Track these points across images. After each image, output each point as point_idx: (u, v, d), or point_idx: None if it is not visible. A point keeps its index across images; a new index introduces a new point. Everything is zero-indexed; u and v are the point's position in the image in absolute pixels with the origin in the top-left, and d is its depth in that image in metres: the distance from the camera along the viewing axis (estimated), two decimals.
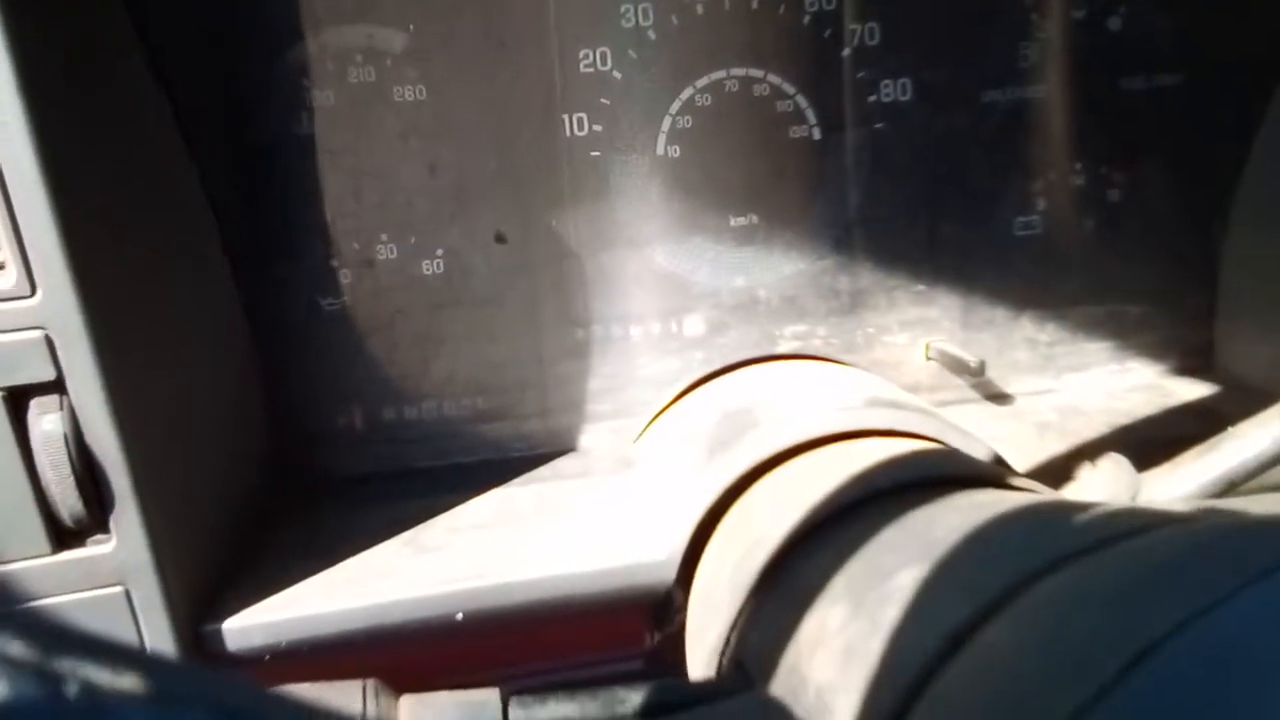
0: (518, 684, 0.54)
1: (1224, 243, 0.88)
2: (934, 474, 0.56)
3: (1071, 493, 0.65)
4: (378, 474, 0.85)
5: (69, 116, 0.56)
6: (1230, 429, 0.62)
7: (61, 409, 0.57)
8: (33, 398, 0.57)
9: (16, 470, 0.57)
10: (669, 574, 0.67)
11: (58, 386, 0.57)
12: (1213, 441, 0.63)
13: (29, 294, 0.55)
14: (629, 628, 0.79)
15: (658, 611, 0.71)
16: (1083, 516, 0.45)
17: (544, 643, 0.77)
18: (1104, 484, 0.63)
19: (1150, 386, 0.90)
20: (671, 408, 0.87)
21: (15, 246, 0.54)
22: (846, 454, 0.62)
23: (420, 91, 0.80)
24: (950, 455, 0.61)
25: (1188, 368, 0.91)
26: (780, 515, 0.57)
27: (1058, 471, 0.69)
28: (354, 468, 0.86)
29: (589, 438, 0.88)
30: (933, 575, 0.44)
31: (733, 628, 0.55)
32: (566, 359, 0.86)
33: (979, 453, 0.66)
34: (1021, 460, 0.73)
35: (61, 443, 0.56)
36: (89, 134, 0.59)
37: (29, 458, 0.57)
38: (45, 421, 0.56)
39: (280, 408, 0.83)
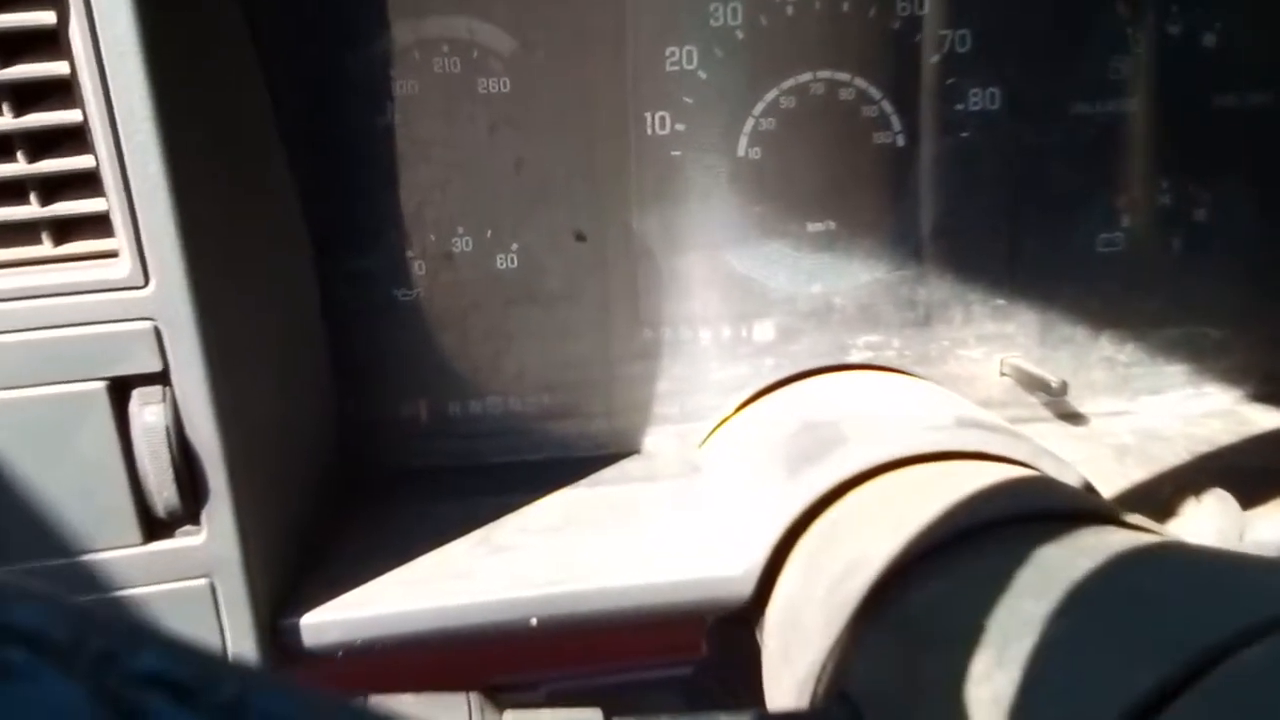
0: (616, 700, 0.56)
1: None
2: (1048, 507, 0.56)
3: (1176, 529, 0.65)
4: (444, 468, 0.87)
5: (187, 107, 0.58)
6: None
7: (164, 400, 0.59)
8: (135, 388, 0.59)
9: (114, 461, 0.59)
10: (745, 589, 0.68)
11: (162, 378, 0.59)
12: None
13: (142, 285, 0.58)
14: (685, 637, 0.81)
15: (724, 626, 0.73)
16: (1252, 577, 0.45)
17: (601, 645, 0.79)
18: (1210, 521, 0.64)
19: (1227, 412, 0.91)
20: (740, 414, 0.88)
21: (132, 237, 0.56)
22: (943, 477, 0.63)
23: (504, 84, 0.82)
24: (1061, 488, 0.62)
25: (1265, 394, 0.92)
26: (881, 537, 0.57)
27: (1146, 501, 0.70)
28: (420, 460, 0.88)
29: (654, 440, 0.90)
30: (1093, 631, 0.44)
31: (829, 656, 0.55)
32: (635, 360, 0.88)
33: (1072, 480, 0.66)
34: (1104, 486, 0.74)
35: (163, 435, 0.59)
36: (201, 124, 0.61)
37: (128, 448, 0.59)
38: (148, 413, 0.59)
39: (351, 399, 0.85)
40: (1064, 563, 0.49)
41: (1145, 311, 0.91)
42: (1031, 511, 0.56)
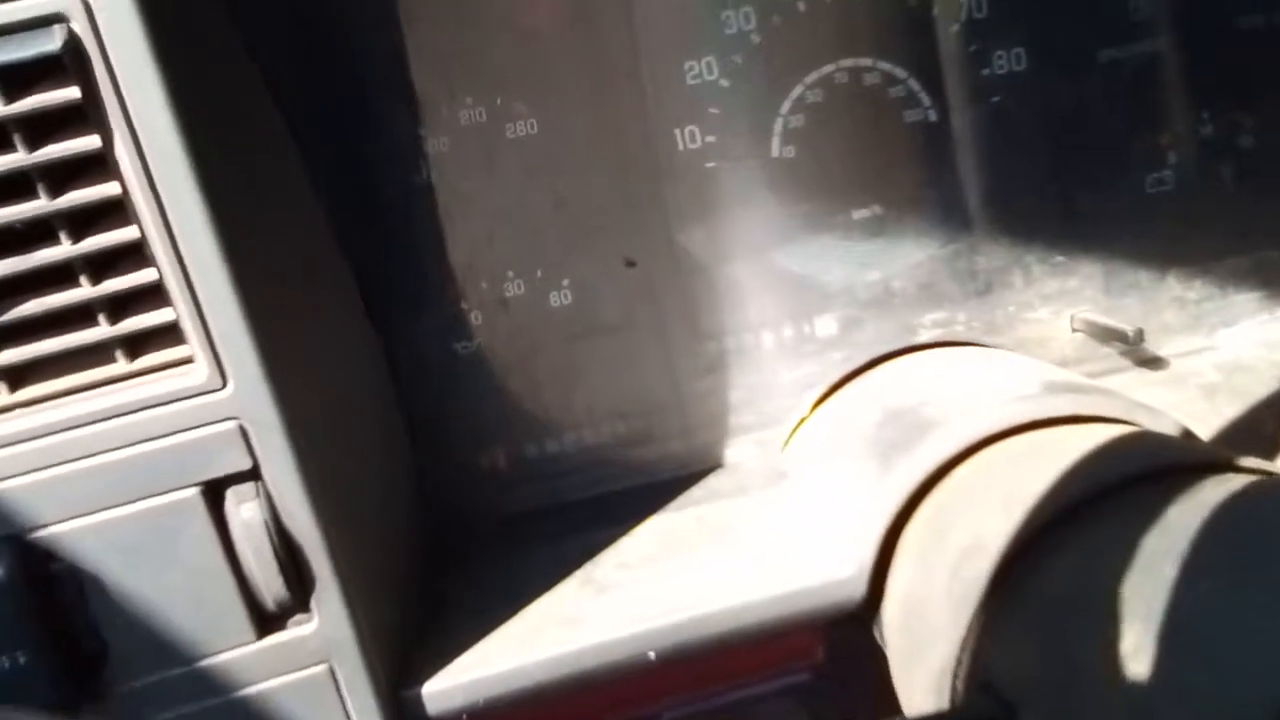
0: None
1: None
2: (1159, 463, 0.55)
3: None
4: (531, 512, 0.88)
5: (239, 206, 0.60)
6: None
7: (258, 496, 0.61)
8: (228, 487, 0.60)
9: (218, 562, 0.61)
10: (858, 590, 0.69)
11: (253, 474, 0.61)
12: None
13: (220, 386, 0.59)
14: (801, 645, 0.81)
15: (840, 629, 0.73)
16: None
17: (718, 665, 0.80)
18: None
19: None
20: (816, 412, 0.88)
21: (205, 341, 0.58)
22: (1043, 446, 0.62)
23: (533, 126, 0.83)
24: (1167, 440, 0.61)
25: None
26: (994, 517, 0.57)
27: (1246, 438, 0.70)
28: (504, 508, 0.89)
29: (735, 452, 0.90)
30: (1247, 592, 0.43)
31: (963, 647, 0.55)
32: (703, 374, 0.89)
33: (1170, 429, 0.66)
34: (1200, 429, 0.73)
35: (263, 529, 0.60)
36: (253, 219, 0.63)
37: (229, 548, 0.61)
38: (245, 510, 0.60)
39: (428, 456, 0.86)
40: (1193, 520, 0.49)
41: (1207, 245, 0.90)
42: (1145, 470, 0.55)
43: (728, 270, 0.87)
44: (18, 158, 0.55)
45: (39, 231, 0.57)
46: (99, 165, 0.56)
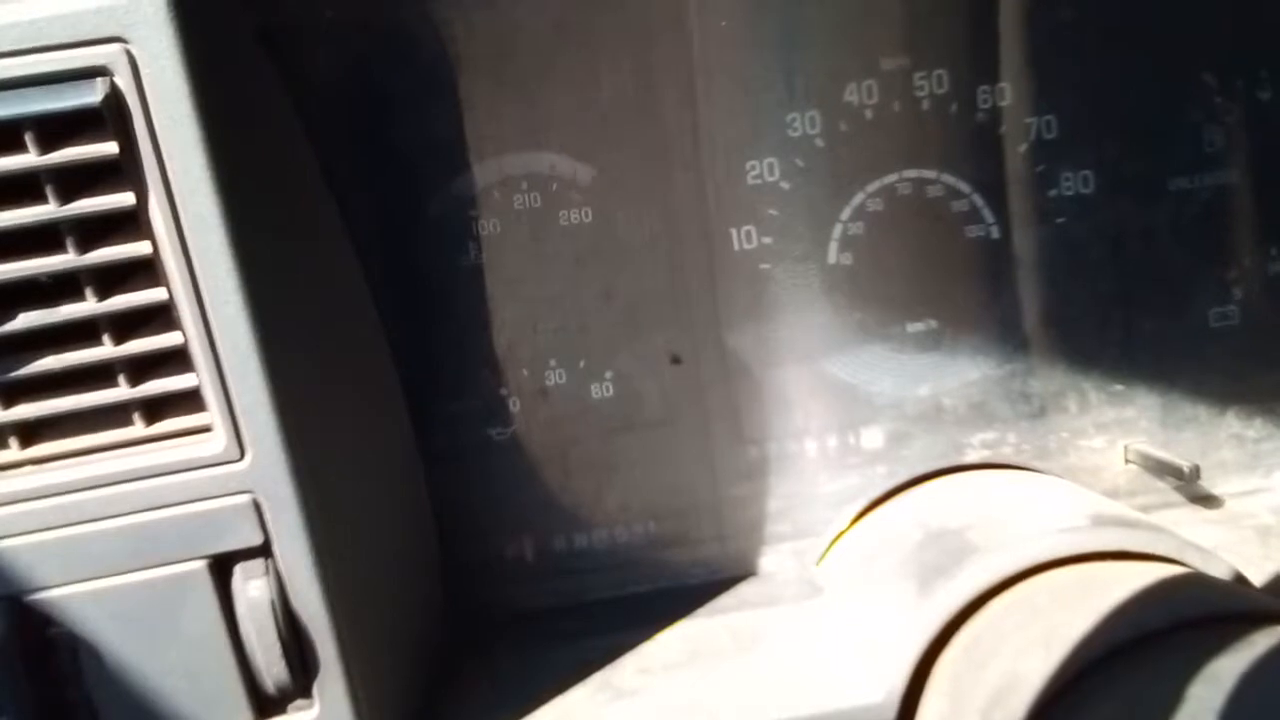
0: None
1: None
2: (1209, 610, 0.54)
3: None
4: (555, 609, 0.85)
5: (272, 273, 0.56)
6: None
7: (267, 574, 0.58)
8: (237, 563, 0.56)
9: (219, 639, 0.58)
10: (888, 716, 0.65)
11: (264, 550, 0.59)
12: None
13: (238, 458, 0.56)
14: None
15: None
16: None
17: None
18: None
19: None
20: (857, 525, 0.83)
21: (225, 411, 0.54)
22: (1088, 582, 0.60)
23: (586, 214, 0.80)
24: (1217, 585, 0.60)
25: None
26: (1033, 654, 0.55)
27: None
28: (529, 602, 0.85)
29: (769, 560, 0.87)
30: None
31: None
32: (742, 479, 0.86)
33: (1221, 572, 0.64)
34: (1252, 573, 0.71)
35: (269, 609, 0.58)
36: (287, 288, 0.60)
37: (233, 625, 0.57)
38: (252, 588, 0.57)
39: (454, 543, 0.84)
40: (1237, 670, 0.47)
41: (1269, 383, 0.88)
42: (1192, 616, 0.53)
43: (775, 374, 0.85)
44: (48, 210, 0.52)
45: (64, 285, 0.52)
46: (130, 222, 0.53)
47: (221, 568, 0.58)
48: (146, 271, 0.55)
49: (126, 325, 0.57)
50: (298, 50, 0.73)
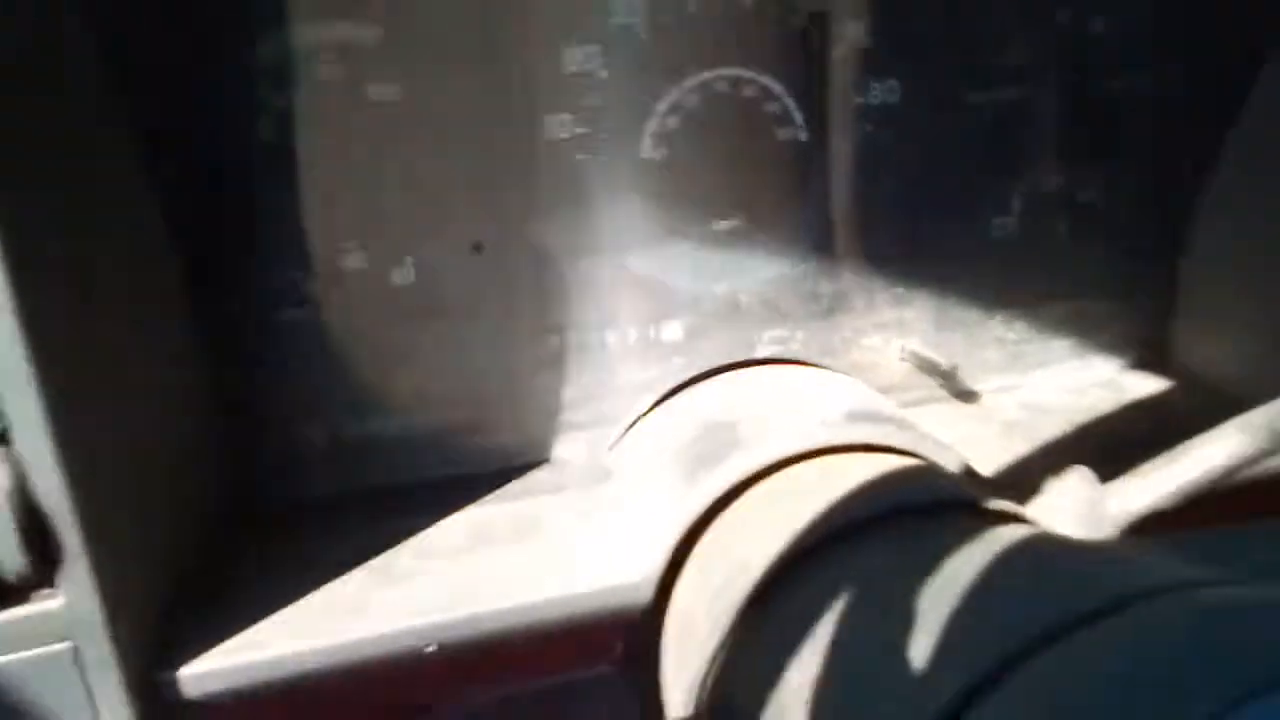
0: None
1: (1186, 243, 0.90)
2: (914, 501, 0.60)
3: (1040, 508, 0.70)
4: (346, 495, 0.84)
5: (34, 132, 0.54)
6: (1188, 441, 0.68)
7: (5, 461, 0.56)
8: None
9: None
10: (645, 596, 0.70)
11: (1, 438, 0.56)
12: (1172, 454, 0.68)
13: None
14: (603, 641, 0.78)
15: (633, 633, 0.73)
16: (1075, 569, 0.49)
17: (516, 659, 0.76)
18: (1070, 497, 0.68)
19: (1109, 382, 0.97)
20: (649, 415, 0.85)
21: None
22: (827, 474, 0.66)
23: (394, 92, 0.75)
24: (928, 482, 0.65)
25: (1145, 361, 0.96)
26: (763, 540, 0.60)
27: (1026, 477, 0.74)
28: (322, 489, 0.84)
29: (564, 448, 0.89)
30: (918, 640, 0.47)
31: (712, 662, 0.58)
32: (541, 369, 0.87)
33: (952, 464, 0.71)
34: (989, 464, 0.79)
35: (5, 498, 0.55)
36: (45, 149, 0.57)
37: None
38: None
39: (242, 430, 0.81)
40: (907, 562, 0.53)
41: (1034, 290, 0.96)
42: (897, 506, 0.59)
43: (580, 266, 0.85)
44: None
45: None
46: None
47: None
48: None
49: None
50: None
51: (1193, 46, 0.89)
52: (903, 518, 0.59)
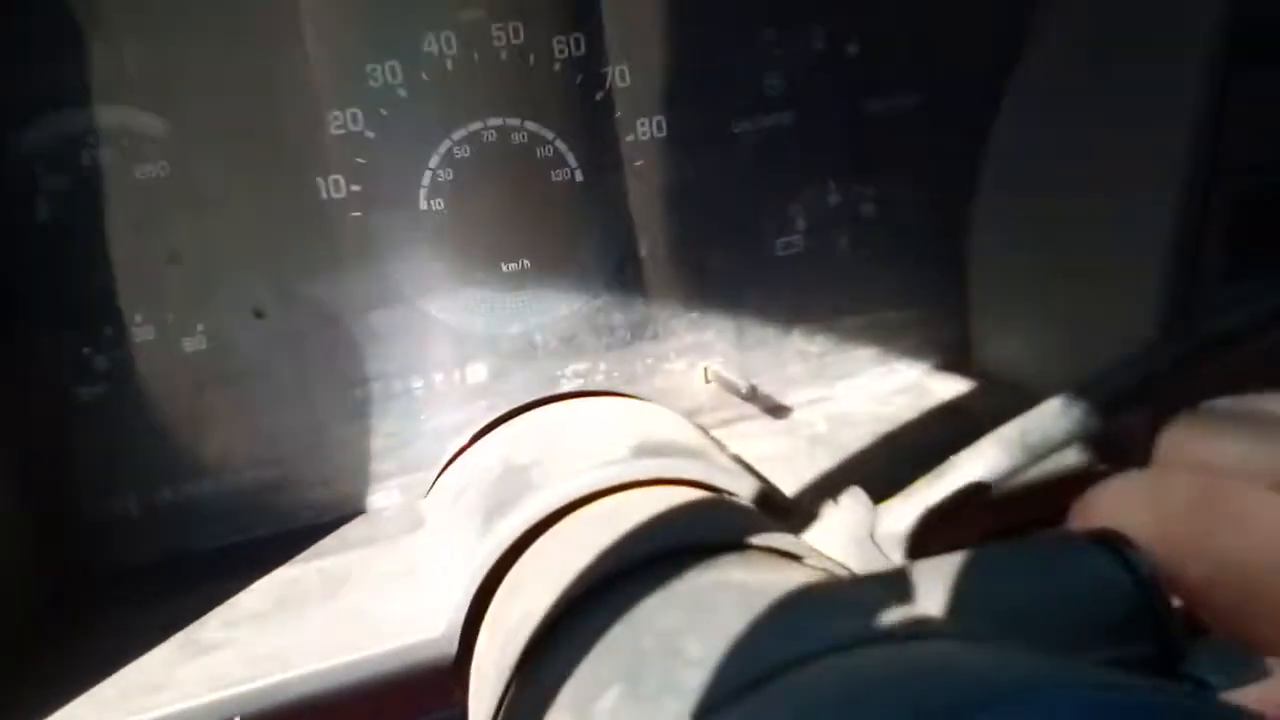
0: None
1: (968, 248, 0.93)
2: (681, 543, 0.60)
3: (818, 532, 0.71)
4: (162, 563, 0.86)
5: None
6: (951, 458, 0.71)
7: None
8: None
9: None
10: (449, 650, 0.69)
11: None
12: (937, 471, 0.71)
13: None
14: (413, 699, 0.79)
15: (441, 689, 0.72)
16: (766, 628, 0.48)
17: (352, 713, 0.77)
18: (845, 520, 0.70)
19: (913, 387, 0.99)
20: (457, 460, 0.88)
21: None
22: (613, 514, 0.66)
23: (163, 169, 0.78)
24: (696, 521, 0.66)
25: (948, 364, 0.99)
26: (546, 588, 0.60)
27: (825, 495, 0.75)
28: (139, 558, 0.85)
29: (378, 498, 0.91)
30: (640, 704, 0.47)
31: (497, 715, 0.57)
32: (347, 422, 0.89)
33: (747, 491, 0.72)
34: (794, 480, 0.81)
35: None
36: None
37: None
38: None
39: (53, 506, 0.82)
40: (643, 614, 0.53)
41: (829, 304, 0.99)
42: (664, 550, 0.59)
43: (375, 319, 0.88)
44: None
45: None
46: None
47: None
48: None
49: None
50: None
51: (946, 59, 0.93)
52: (670, 560, 0.58)
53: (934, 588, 0.57)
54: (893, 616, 0.49)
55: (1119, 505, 0.64)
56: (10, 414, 0.79)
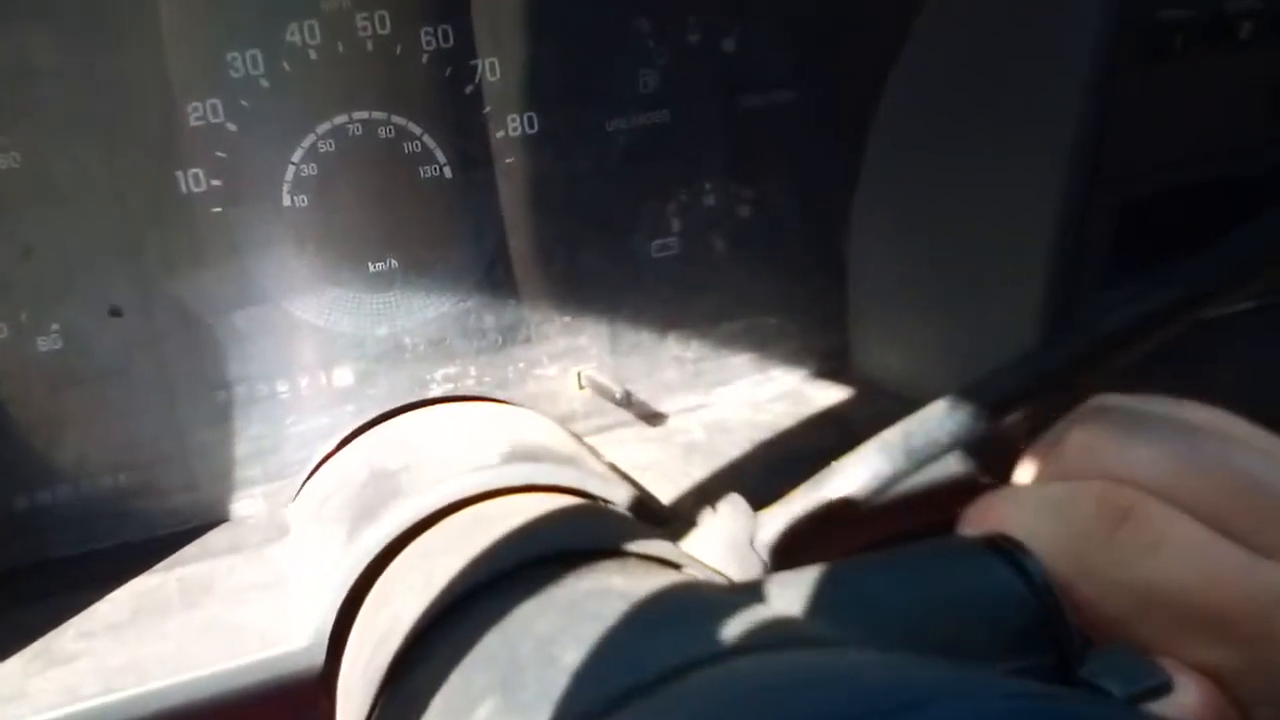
0: None
1: (848, 252, 0.93)
2: (556, 549, 0.58)
3: (696, 540, 0.69)
4: (19, 571, 0.82)
5: None
6: (833, 464, 0.69)
7: None
8: None
9: None
10: (315, 662, 0.67)
11: None
12: (818, 476, 0.69)
13: None
14: (278, 713, 0.76)
15: (307, 703, 0.70)
16: (642, 635, 0.47)
17: None
18: (723, 528, 0.68)
19: (791, 394, 0.99)
20: (326, 464, 0.85)
21: None
22: (481, 521, 0.65)
23: (15, 160, 0.75)
24: (572, 528, 0.64)
25: (826, 371, 0.99)
26: (411, 598, 0.58)
27: (699, 502, 0.73)
28: None
29: (242, 505, 0.89)
30: (530, 693, 0.45)
31: None
32: (210, 425, 0.87)
33: (622, 497, 0.71)
34: (670, 488, 0.81)
35: None
36: None
37: None
38: None
39: None
40: (531, 625, 0.51)
41: (705, 309, 0.99)
42: (535, 555, 0.57)
43: (238, 319, 0.86)
44: None
45: None
46: None
47: None
48: None
49: None
50: None
51: (824, 58, 0.93)
52: (544, 566, 0.57)
53: (818, 594, 0.55)
54: (775, 624, 0.48)
55: (1020, 514, 0.61)
56: None
